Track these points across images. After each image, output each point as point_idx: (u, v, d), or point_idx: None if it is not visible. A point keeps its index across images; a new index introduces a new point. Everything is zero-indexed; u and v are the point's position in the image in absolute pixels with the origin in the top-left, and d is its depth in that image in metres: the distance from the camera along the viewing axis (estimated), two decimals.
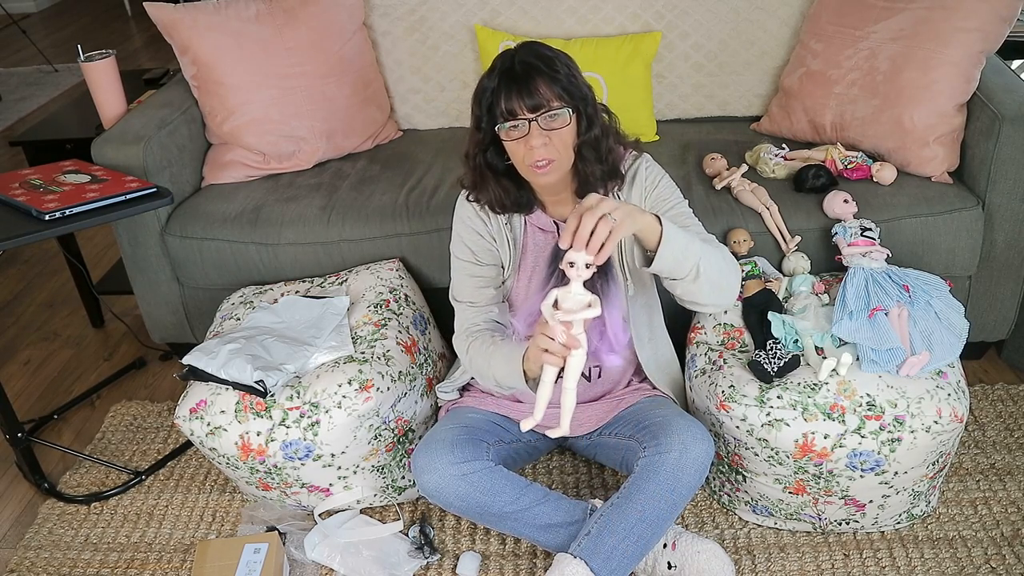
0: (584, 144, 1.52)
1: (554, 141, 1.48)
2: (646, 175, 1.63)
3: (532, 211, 1.65)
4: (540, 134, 1.46)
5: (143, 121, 2.19)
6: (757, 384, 1.62)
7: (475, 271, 1.68)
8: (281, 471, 1.74)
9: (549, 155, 1.48)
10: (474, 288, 1.69)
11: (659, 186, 1.63)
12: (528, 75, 1.45)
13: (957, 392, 1.59)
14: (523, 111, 1.45)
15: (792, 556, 1.72)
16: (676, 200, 1.63)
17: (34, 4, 6.51)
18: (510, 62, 1.47)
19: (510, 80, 1.45)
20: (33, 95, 4.77)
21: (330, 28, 2.30)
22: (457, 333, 1.71)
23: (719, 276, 1.50)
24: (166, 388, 2.40)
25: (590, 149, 1.53)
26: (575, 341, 1.32)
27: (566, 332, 1.32)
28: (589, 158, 1.54)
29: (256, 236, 2.10)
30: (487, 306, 1.69)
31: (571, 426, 1.74)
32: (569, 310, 1.31)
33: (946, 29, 1.98)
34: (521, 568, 1.74)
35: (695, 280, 1.46)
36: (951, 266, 1.99)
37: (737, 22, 2.35)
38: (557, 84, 1.46)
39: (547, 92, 1.45)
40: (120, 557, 1.86)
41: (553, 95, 1.45)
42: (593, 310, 1.31)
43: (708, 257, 1.47)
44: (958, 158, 2.04)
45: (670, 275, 1.46)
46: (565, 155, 1.51)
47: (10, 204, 1.82)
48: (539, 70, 1.45)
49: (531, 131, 1.46)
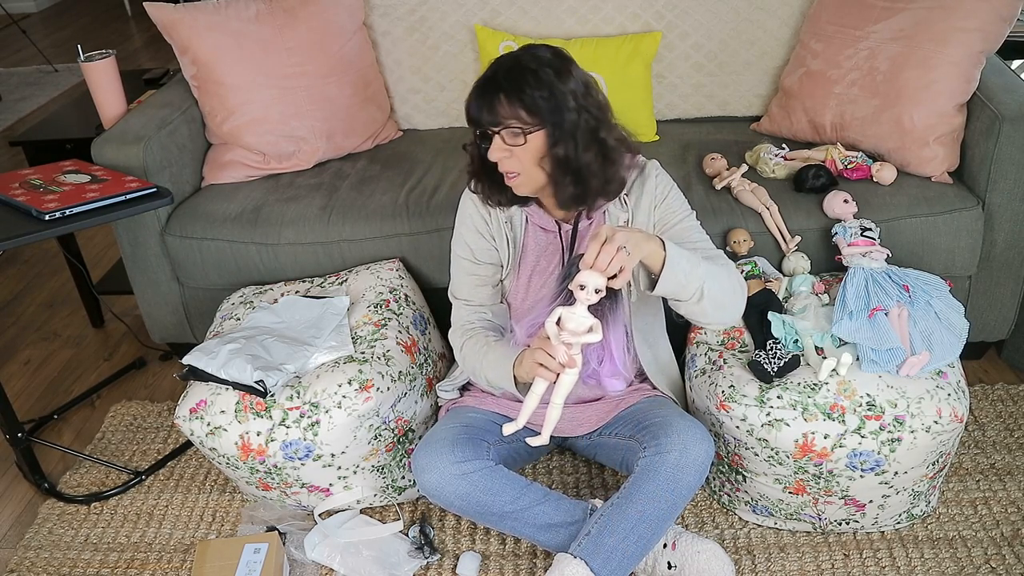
0: (555, 163, 1.49)
1: (517, 155, 1.48)
2: (656, 183, 1.63)
3: (529, 204, 1.66)
4: (501, 148, 1.48)
5: (143, 121, 2.19)
6: (757, 384, 1.62)
7: (473, 269, 1.69)
8: (281, 471, 1.74)
9: (512, 168, 1.50)
10: (472, 286, 1.70)
11: (669, 197, 1.63)
12: (494, 90, 1.45)
13: (957, 392, 1.59)
14: (485, 124, 1.47)
15: (792, 556, 1.72)
16: (684, 213, 1.63)
17: (34, 4, 6.51)
18: (492, 70, 1.48)
19: (480, 91, 1.47)
20: (33, 95, 4.77)
21: (330, 28, 2.30)
22: (453, 329, 1.72)
23: (723, 296, 1.50)
24: (166, 388, 2.40)
25: (558, 166, 1.49)
26: (572, 361, 1.35)
27: (567, 351, 1.35)
28: (560, 178, 1.50)
29: (256, 236, 2.10)
30: (483, 305, 1.71)
31: (571, 426, 1.76)
32: (572, 331, 1.32)
33: (946, 29, 1.98)
34: (521, 568, 1.74)
35: (699, 302, 1.46)
36: (951, 266, 1.99)
37: (737, 22, 2.35)
38: (521, 102, 1.44)
39: (506, 111, 1.45)
40: (120, 557, 1.86)
41: (511, 114, 1.45)
42: (595, 335, 1.33)
43: (713, 279, 1.47)
44: (958, 158, 2.04)
45: (674, 296, 1.47)
46: (532, 170, 1.50)
47: (10, 204, 1.82)
48: (505, 88, 1.44)
49: (492, 143, 1.48)
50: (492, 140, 1.48)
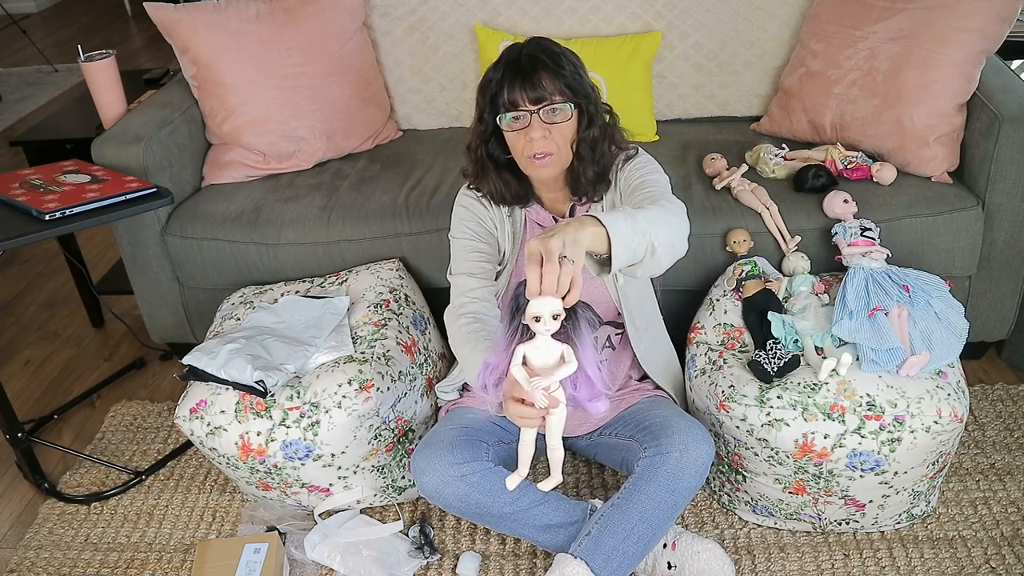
0: (582, 142, 1.54)
1: (554, 135, 1.50)
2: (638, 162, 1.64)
3: (530, 204, 1.66)
4: (540, 126, 1.49)
5: (143, 121, 2.19)
6: (757, 384, 1.62)
7: (476, 246, 1.68)
8: (281, 471, 1.74)
9: (548, 148, 1.50)
10: (475, 261, 1.68)
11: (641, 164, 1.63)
12: (533, 67, 1.47)
13: (957, 392, 1.59)
14: (525, 103, 1.47)
15: (792, 556, 1.72)
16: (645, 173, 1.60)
17: (34, 4, 6.51)
18: (516, 55, 1.50)
19: (514, 72, 1.48)
20: (33, 95, 4.78)
21: (330, 28, 2.30)
22: (451, 308, 1.68)
23: (670, 235, 1.37)
24: (166, 388, 2.40)
25: (588, 148, 1.55)
26: (554, 400, 1.17)
27: (544, 394, 1.16)
28: (586, 157, 1.56)
29: (256, 236, 2.10)
30: (486, 280, 1.67)
31: (572, 426, 1.76)
32: (543, 367, 1.16)
33: (946, 29, 1.98)
34: (521, 568, 1.74)
35: (653, 255, 1.33)
36: (951, 266, 1.98)
37: (737, 22, 2.35)
38: (561, 79, 1.48)
39: (550, 85, 1.47)
40: (120, 557, 1.86)
41: (556, 89, 1.48)
42: (569, 365, 1.15)
43: (655, 223, 1.33)
44: (958, 158, 2.04)
45: (631, 262, 1.31)
46: (564, 150, 1.53)
47: (10, 204, 1.82)
48: (544, 64, 1.48)
49: (532, 123, 1.48)
50: (531, 120, 1.48)
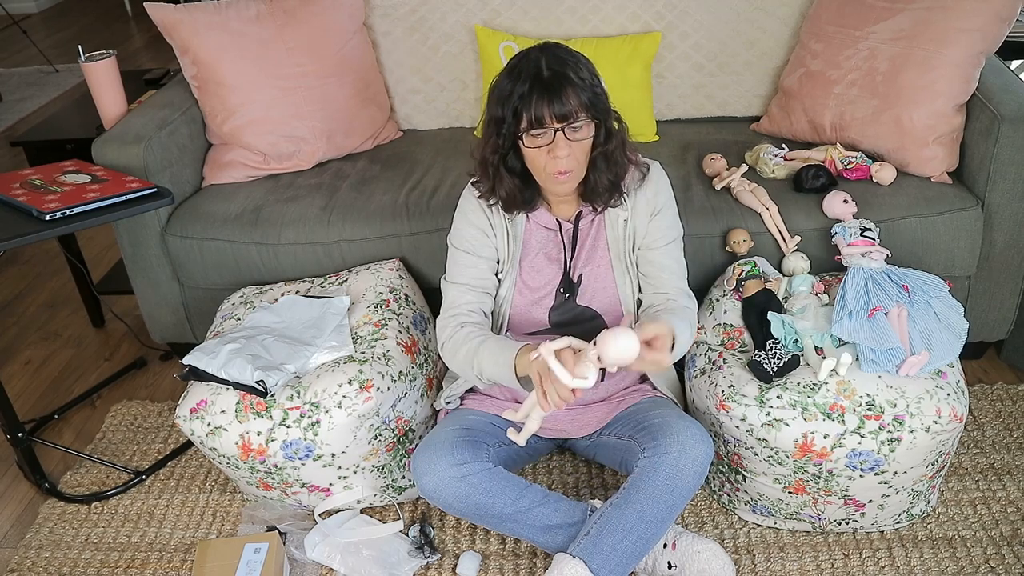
0: (600, 155, 1.54)
1: (575, 151, 1.49)
2: (657, 191, 1.65)
3: (536, 208, 1.66)
4: (565, 144, 1.47)
5: (143, 121, 2.19)
6: (757, 384, 1.62)
7: (471, 261, 1.69)
8: (281, 471, 1.75)
9: (570, 165, 1.50)
10: (473, 276, 1.69)
11: (662, 213, 1.66)
12: (560, 84, 1.44)
13: (956, 392, 1.59)
14: (551, 120, 1.45)
15: (792, 556, 1.72)
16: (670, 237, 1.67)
17: (35, 4, 6.51)
18: (537, 66, 1.46)
19: (541, 87, 1.44)
20: (34, 95, 4.78)
21: (330, 28, 2.31)
22: (444, 316, 1.69)
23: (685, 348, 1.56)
24: (166, 388, 2.40)
25: (604, 160, 1.55)
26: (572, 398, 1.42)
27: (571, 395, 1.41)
28: (602, 168, 1.56)
29: (256, 236, 2.10)
30: (482, 292, 1.68)
31: (574, 427, 1.76)
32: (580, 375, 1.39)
33: (946, 29, 1.98)
34: (521, 568, 1.74)
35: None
36: (950, 266, 1.99)
37: (737, 22, 2.35)
38: (584, 93, 1.46)
39: (575, 101, 1.45)
40: (120, 557, 1.86)
41: (579, 104, 1.46)
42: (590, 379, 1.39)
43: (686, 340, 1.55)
44: (957, 158, 2.04)
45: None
46: (583, 164, 1.53)
47: (11, 204, 1.83)
48: (570, 80, 1.45)
49: (556, 141, 1.47)
50: (555, 138, 1.47)
